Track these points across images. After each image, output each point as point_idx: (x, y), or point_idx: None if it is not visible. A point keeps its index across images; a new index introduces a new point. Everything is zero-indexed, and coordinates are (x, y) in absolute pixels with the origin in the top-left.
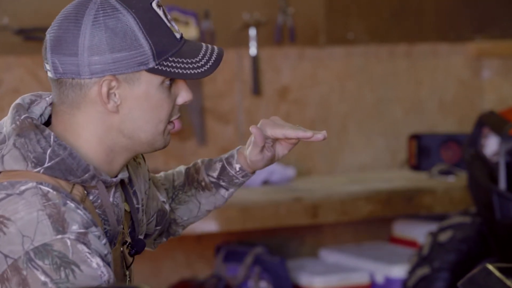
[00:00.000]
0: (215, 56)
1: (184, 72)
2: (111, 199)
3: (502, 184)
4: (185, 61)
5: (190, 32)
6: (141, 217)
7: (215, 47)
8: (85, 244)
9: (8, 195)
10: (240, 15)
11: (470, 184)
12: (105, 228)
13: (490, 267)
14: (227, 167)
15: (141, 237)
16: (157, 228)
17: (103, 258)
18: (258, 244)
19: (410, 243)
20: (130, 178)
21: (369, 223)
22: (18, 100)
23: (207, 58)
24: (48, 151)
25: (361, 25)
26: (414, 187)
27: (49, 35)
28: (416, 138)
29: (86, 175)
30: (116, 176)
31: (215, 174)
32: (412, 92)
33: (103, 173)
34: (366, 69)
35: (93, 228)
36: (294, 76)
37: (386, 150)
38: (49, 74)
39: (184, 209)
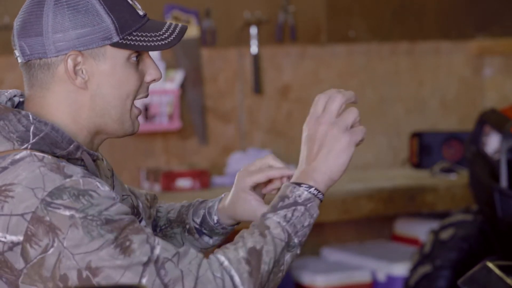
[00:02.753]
0: (178, 30)
1: (148, 44)
2: None
3: (504, 181)
4: (149, 34)
5: (191, 31)
6: None
7: (179, 24)
8: (92, 178)
9: (4, 168)
10: (241, 14)
11: (472, 182)
12: None
13: (490, 265)
14: (207, 217)
15: None
16: None
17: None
18: None
19: (412, 241)
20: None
21: (371, 221)
22: None
23: (170, 31)
24: (31, 128)
25: (362, 24)
26: (416, 185)
27: (15, 23)
28: (417, 136)
29: (71, 146)
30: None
31: (198, 221)
32: (414, 91)
33: (84, 146)
34: (368, 67)
35: (97, 178)
36: (295, 75)
37: (388, 148)
38: (19, 59)
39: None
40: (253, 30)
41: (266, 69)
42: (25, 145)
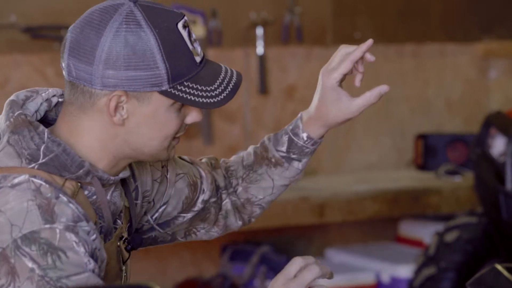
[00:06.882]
0: (231, 86)
1: (197, 100)
2: (108, 197)
3: (509, 184)
4: (199, 88)
5: (197, 31)
6: (139, 212)
7: (234, 73)
8: (73, 233)
9: (0, 188)
10: (247, 14)
11: (477, 184)
12: (100, 223)
13: (499, 267)
14: (294, 138)
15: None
16: (183, 214)
17: (90, 250)
18: (264, 243)
19: (417, 243)
20: (133, 173)
21: (375, 222)
22: (12, 97)
23: (223, 87)
24: (42, 148)
25: (368, 25)
26: (420, 187)
27: (70, 34)
28: (422, 137)
29: (81, 171)
30: (116, 175)
31: (283, 148)
32: (419, 92)
33: (100, 170)
34: (373, 68)
35: (83, 223)
36: (301, 75)
37: (392, 149)
38: (63, 73)
39: (256, 188)
40: (259, 31)
41: (271, 70)
42: (33, 165)
